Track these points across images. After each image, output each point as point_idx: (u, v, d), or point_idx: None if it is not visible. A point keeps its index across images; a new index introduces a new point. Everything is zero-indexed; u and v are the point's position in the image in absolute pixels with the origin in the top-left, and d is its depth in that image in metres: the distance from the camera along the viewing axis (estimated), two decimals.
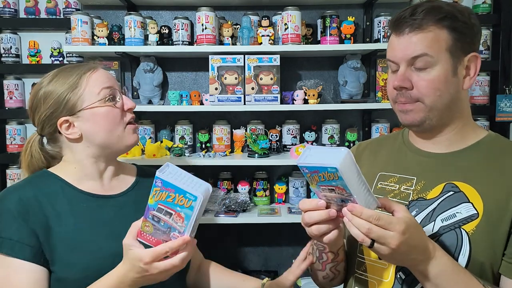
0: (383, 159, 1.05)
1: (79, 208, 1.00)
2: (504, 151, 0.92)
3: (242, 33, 1.98)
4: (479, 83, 2.23)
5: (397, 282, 0.91)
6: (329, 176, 0.73)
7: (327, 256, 1.01)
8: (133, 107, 1.04)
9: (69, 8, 2.23)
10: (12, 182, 2.24)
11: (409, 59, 0.89)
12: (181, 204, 0.79)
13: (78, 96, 0.99)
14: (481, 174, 0.89)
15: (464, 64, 0.89)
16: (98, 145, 1.02)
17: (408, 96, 0.90)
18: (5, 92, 2.23)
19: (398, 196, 0.96)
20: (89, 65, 1.04)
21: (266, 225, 2.10)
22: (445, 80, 0.88)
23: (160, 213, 0.81)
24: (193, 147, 2.20)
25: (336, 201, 0.78)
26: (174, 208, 0.79)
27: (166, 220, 0.80)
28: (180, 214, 0.79)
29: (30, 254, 0.91)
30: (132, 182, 1.12)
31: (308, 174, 0.77)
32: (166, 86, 2.22)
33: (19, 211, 0.93)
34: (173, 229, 0.80)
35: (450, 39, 0.87)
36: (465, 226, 0.86)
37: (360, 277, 0.99)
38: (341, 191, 0.75)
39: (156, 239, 0.82)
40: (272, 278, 1.23)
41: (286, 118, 2.17)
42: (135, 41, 1.99)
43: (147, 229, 0.82)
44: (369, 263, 0.98)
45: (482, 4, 2.19)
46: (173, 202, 0.79)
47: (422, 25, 0.87)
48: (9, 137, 2.25)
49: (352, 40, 2.03)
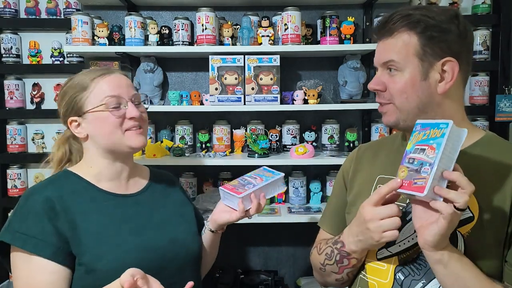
0: (382, 162, 1.05)
1: (101, 205, 1.04)
2: (500, 153, 0.91)
3: (242, 34, 1.98)
4: (478, 83, 2.23)
5: (396, 283, 0.92)
6: (434, 133, 0.79)
7: (348, 262, 0.98)
8: (135, 116, 1.05)
9: (69, 8, 2.23)
10: (13, 182, 2.25)
11: (381, 63, 0.94)
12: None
13: (85, 98, 1.03)
14: (478, 177, 0.88)
15: (438, 68, 0.89)
16: (103, 147, 1.06)
17: (382, 97, 0.96)
18: (6, 92, 2.24)
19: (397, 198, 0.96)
20: (105, 69, 1.07)
21: (266, 225, 2.11)
22: (411, 84, 0.90)
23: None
24: (193, 147, 2.21)
25: (415, 166, 0.80)
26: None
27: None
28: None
29: (52, 253, 0.95)
30: (145, 183, 1.16)
31: (417, 131, 0.83)
32: (166, 86, 2.22)
33: (45, 210, 0.97)
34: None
35: (418, 44, 0.89)
36: (460, 228, 0.86)
37: (363, 278, 1.00)
38: (431, 151, 0.78)
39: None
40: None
41: (286, 118, 2.17)
42: (135, 41, 1.99)
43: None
44: (368, 264, 0.98)
45: (482, 4, 2.19)
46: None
47: (393, 32, 0.91)
48: (9, 137, 2.25)
49: (352, 40, 2.03)
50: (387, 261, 0.94)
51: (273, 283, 2.05)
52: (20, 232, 0.95)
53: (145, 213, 1.09)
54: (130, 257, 0.96)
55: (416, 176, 0.79)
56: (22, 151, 2.28)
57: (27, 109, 2.29)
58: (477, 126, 1.08)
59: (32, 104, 2.29)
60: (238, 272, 2.11)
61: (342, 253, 0.99)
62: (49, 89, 2.31)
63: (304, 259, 2.28)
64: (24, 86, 2.29)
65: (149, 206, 1.11)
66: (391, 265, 0.93)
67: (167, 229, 1.10)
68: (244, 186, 1.11)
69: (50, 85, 2.30)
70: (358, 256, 0.96)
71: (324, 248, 1.05)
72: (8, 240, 0.96)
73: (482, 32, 2.22)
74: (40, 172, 2.27)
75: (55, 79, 2.29)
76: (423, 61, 0.89)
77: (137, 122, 1.06)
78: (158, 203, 1.14)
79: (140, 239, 1.02)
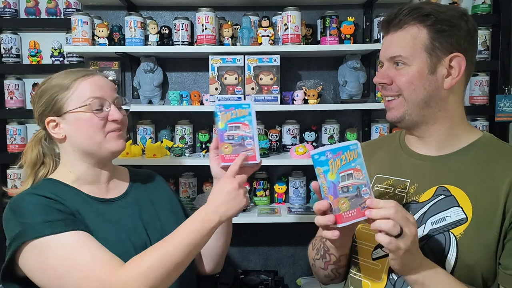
0: (380, 161, 1.05)
1: (90, 209, 1.02)
2: (496, 154, 0.91)
3: (242, 34, 1.98)
4: (478, 83, 2.23)
5: (389, 283, 0.92)
6: (350, 156, 0.80)
7: (329, 257, 1.02)
8: (118, 118, 1.03)
9: (69, 8, 2.23)
10: (13, 182, 2.25)
11: (388, 57, 0.93)
12: (242, 115, 0.98)
13: (66, 98, 1.01)
14: (473, 178, 0.89)
15: (445, 63, 0.89)
16: (82, 150, 1.03)
17: (390, 90, 0.95)
18: (6, 92, 2.24)
19: (393, 198, 0.96)
20: (87, 71, 1.06)
21: (266, 225, 2.11)
22: (419, 76, 0.90)
23: (231, 130, 0.98)
24: (193, 147, 2.21)
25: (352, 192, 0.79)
26: (238, 120, 0.97)
27: (238, 134, 0.97)
28: (245, 123, 0.98)
29: (72, 224, 0.92)
30: (127, 184, 1.15)
31: (331, 160, 0.79)
32: (166, 86, 2.22)
33: (47, 201, 0.94)
34: (245, 138, 0.98)
35: (427, 38, 0.88)
36: (453, 230, 0.86)
37: (354, 277, 1.00)
38: (358, 173, 0.80)
39: (237, 154, 0.98)
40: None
41: (286, 118, 2.17)
42: (135, 41, 1.99)
43: (227, 150, 0.98)
44: (362, 263, 0.98)
45: (482, 4, 2.19)
46: (236, 116, 0.98)
47: (402, 25, 0.90)
48: (9, 137, 2.26)
49: (352, 40, 2.03)
50: (382, 261, 0.94)
51: (273, 283, 2.05)
52: (40, 223, 0.90)
53: (134, 214, 1.08)
54: (126, 257, 0.94)
55: (361, 201, 0.79)
56: (22, 151, 2.26)
57: (27, 109, 2.30)
58: (475, 127, 1.08)
59: None
60: (238, 272, 2.11)
61: (324, 247, 1.01)
62: None
63: (304, 259, 2.28)
64: (24, 86, 2.29)
65: (136, 207, 1.10)
66: (385, 265, 0.93)
67: (157, 226, 1.10)
68: (242, 146, 0.99)
69: None
70: (335, 253, 0.98)
71: (316, 243, 1.09)
72: (32, 235, 0.89)
73: (482, 32, 2.22)
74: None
75: None
76: (431, 55, 0.89)
77: (119, 125, 1.05)
78: (144, 201, 1.13)
79: (134, 238, 1.02)
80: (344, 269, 1.05)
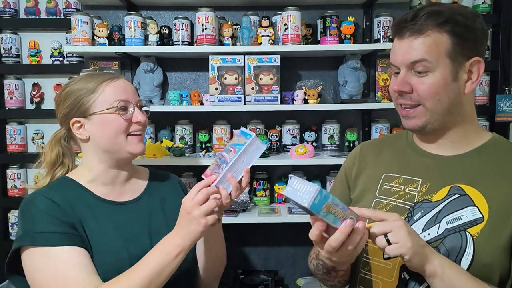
0: (388, 160, 1.05)
1: (98, 212, 1.04)
2: (507, 155, 0.92)
3: (242, 33, 1.98)
4: (478, 83, 2.22)
5: (401, 282, 0.92)
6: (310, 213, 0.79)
7: (336, 273, 1.02)
8: (142, 120, 1.09)
9: (69, 8, 2.23)
10: (13, 182, 2.24)
11: (408, 63, 0.89)
12: (240, 143, 0.98)
13: (92, 101, 1.04)
14: (487, 178, 0.89)
15: (466, 68, 0.88)
16: (103, 150, 1.07)
17: (408, 98, 0.91)
18: (5, 92, 2.24)
19: (403, 197, 0.96)
20: (111, 74, 1.10)
21: (266, 225, 2.11)
22: (444, 85, 0.88)
23: (225, 151, 0.99)
24: (193, 147, 2.21)
25: None
26: (235, 146, 0.98)
27: (224, 156, 0.98)
28: (235, 148, 0.98)
29: (67, 240, 0.95)
30: (144, 187, 1.16)
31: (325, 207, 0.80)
32: (166, 86, 2.22)
33: (52, 209, 0.97)
34: (224, 161, 0.97)
35: (450, 44, 0.86)
36: (470, 229, 0.86)
37: (364, 276, 1.00)
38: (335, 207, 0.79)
39: (211, 172, 0.99)
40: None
41: (286, 118, 2.17)
42: (135, 41, 1.99)
43: (212, 166, 1.00)
44: (373, 263, 0.98)
45: (482, 4, 2.19)
46: (238, 142, 0.99)
47: (422, 30, 0.87)
48: (9, 137, 2.25)
49: (352, 40, 2.03)
50: (393, 260, 0.94)
51: (273, 283, 2.05)
52: (38, 232, 0.94)
53: (142, 220, 1.10)
54: (124, 266, 0.95)
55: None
56: (22, 151, 2.28)
57: (27, 109, 2.29)
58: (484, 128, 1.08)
59: (32, 104, 2.29)
60: (238, 272, 2.10)
61: (327, 267, 1.01)
62: (48, 89, 2.31)
63: (304, 259, 2.26)
64: (24, 86, 2.29)
65: (146, 212, 1.12)
66: (397, 264, 0.93)
67: (164, 234, 1.06)
68: (219, 167, 0.99)
69: (50, 85, 2.30)
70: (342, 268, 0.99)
71: (311, 260, 1.10)
72: (29, 242, 0.95)
73: None
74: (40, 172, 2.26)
75: (55, 79, 2.29)
76: (453, 61, 0.87)
77: (141, 127, 1.09)
78: (155, 208, 1.14)
79: (135, 247, 1.03)
80: (348, 274, 1.05)
